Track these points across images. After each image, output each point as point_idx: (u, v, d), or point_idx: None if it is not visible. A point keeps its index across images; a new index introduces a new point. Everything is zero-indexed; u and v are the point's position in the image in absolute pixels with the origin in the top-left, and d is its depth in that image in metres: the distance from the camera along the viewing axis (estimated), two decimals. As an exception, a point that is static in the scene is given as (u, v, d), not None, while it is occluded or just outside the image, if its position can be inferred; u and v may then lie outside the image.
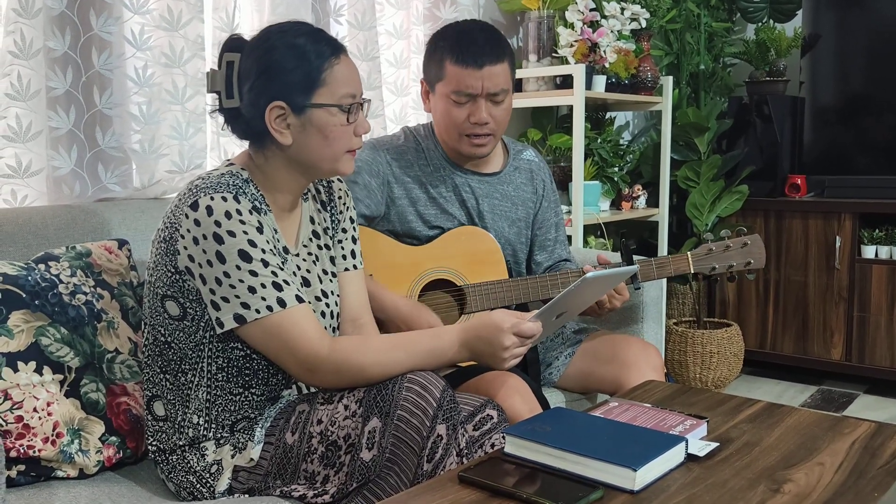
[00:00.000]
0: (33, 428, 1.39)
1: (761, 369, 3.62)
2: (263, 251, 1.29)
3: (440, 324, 1.75)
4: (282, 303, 1.28)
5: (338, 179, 1.58)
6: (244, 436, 1.38)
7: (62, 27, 1.84)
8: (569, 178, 2.91)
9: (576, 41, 2.86)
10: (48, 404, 1.41)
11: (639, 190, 3.27)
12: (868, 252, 3.22)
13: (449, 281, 1.87)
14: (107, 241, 1.68)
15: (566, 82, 2.86)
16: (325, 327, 1.44)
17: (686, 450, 1.18)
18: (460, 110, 1.81)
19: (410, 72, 2.69)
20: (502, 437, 1.32)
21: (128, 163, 1.98)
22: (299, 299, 1.30)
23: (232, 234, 1.27)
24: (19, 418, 1.38)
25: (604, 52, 2.89)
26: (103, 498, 1.38)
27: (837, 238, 3.26)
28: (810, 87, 3.52)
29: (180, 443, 1.39)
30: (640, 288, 1.97)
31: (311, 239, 1.50)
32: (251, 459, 1.34)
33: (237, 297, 1.27)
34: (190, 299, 1.33)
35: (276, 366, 1.37)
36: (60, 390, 1.44)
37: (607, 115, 3.38)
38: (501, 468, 1.13)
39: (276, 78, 1.32)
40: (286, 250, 1.41)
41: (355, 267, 1.58)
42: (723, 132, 3.47)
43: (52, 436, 1.40)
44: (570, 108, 3.02)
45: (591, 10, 2.90)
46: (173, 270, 1.32)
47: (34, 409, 1.39)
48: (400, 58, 2.66)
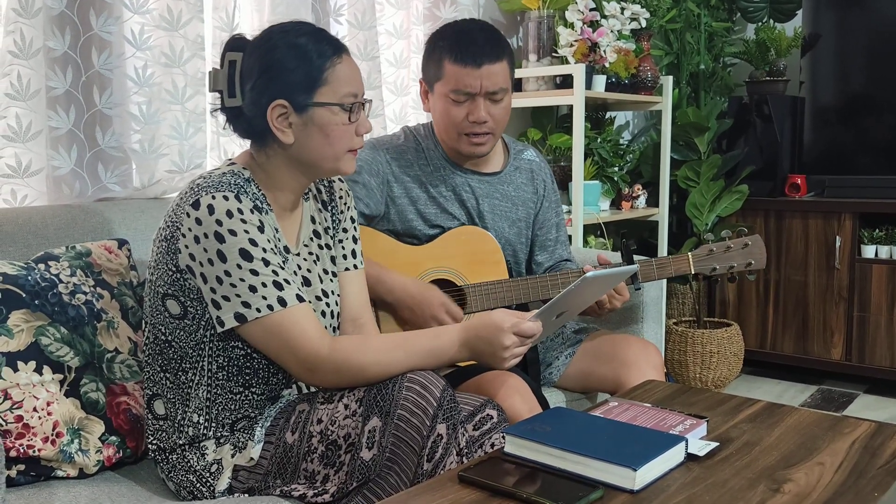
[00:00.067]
0: (33, 427, 1.39)
1: (761, 369, 3.62)
2: (264, 250, 1.29)
3: (450, 301, 1.75)
4: (282, 302, 1.28)
5: (339, 179, 1.58)
6: (244, 435, 1.38)
7: (62, 27, 1.84)
8: (569, 177, 2.91)
9: (576, 41, 2.86)
10: (48, 404, 1.41)
11: (639, 190, 3.27)
12: (868, 252, 3.22)
13: (449, 281, 1.87)
14: (107, 241, 1.68)
15: (566, 82, 2.86)
16: (326, 327, 1.44)
17: (686, 449, 1.18)
18: (459, 109, 1.81)
19: (410, 71, 2.69)
20: (502, 437, 1.32)
21: (128, 163, 1.98)
22: (300, 298, 1.30)
23: (233, 232, 1.27)
24: (19, 418, 1.38)
25: (604, 51, 2.89)
26: (103, 497, 1.38)
27: (837, 238, 3.26)
28: (810, 86, 3.52)
29: (180, 442, 1.39)
30: (640, 288, 1.96)
31: (311, 238, 1.50)
32: (251, 459, 1.34)
33: (238, 295, 1.28)
34: (191, 298, 1.33)
35: (277, 365, 1.37)
36: (60, 390, 1.44)
37: (607, 114, 3.38)
38: (501, 468, 1.13)
39: (278, 77, 1.32)
40: (287, 249, 1.41)
41: (356, 267, 1.58)
42: (723, 132, 3.47)
43: (51, 435, 1.40)
44: (570, 107, 3.02)
45: (591, 9, 2.90)
46: (174, 269, 1.32)
47: (34, 409, 1.39)
48: (400, 57, 2.66)
